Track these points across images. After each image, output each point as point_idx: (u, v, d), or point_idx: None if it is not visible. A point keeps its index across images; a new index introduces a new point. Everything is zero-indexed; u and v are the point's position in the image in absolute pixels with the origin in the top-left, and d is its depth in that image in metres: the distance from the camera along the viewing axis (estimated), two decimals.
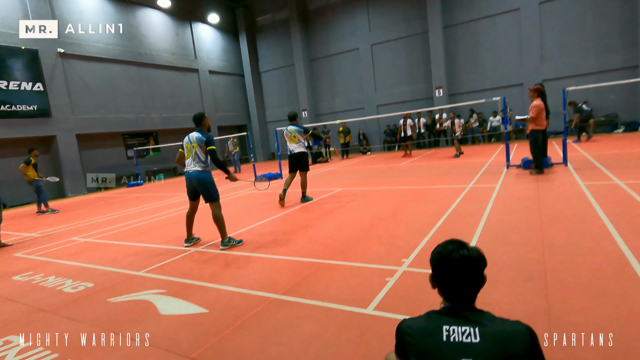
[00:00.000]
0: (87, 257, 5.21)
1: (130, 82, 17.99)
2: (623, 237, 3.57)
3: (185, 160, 4.86)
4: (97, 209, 10.49)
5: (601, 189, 5.59)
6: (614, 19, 14.72)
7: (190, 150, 4.77)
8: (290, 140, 7.30)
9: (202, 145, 4.72)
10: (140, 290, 3.65)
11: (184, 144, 4.88)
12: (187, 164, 4.82)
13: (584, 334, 2.13)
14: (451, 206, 5.60)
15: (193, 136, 4.78)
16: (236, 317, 2.85)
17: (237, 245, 4.81)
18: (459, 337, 1.21)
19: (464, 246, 1.32)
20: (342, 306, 2.83)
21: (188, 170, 4.80)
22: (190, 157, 4.77)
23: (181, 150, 4.96)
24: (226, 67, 23.49)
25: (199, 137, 4.72)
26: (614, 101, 15.09)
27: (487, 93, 16.68)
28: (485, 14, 17.04)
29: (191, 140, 4.77)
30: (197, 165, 4.74)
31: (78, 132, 15.77)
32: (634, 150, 9.37)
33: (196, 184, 4.77)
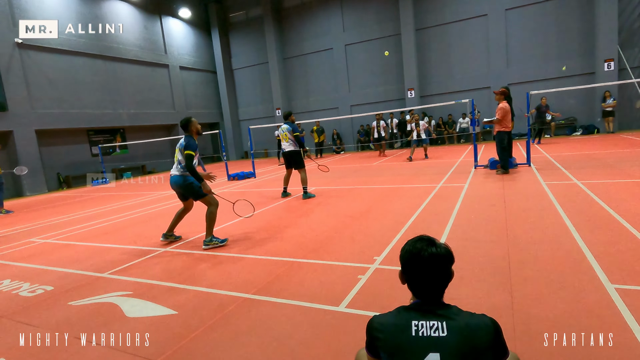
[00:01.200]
0: (46, 259, 4.94)
1: (95, 76, 17.21)
2: (580, 233, 3.77)
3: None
4: (58, 208, 9.97)
5: (561, 188, 5.89)
6: (574, 28, 15.56)
7: (176, 154, 4.73)
8: (283, 138, 7.47)
9: (182, 150, 4.59)
10: (105, 292, 3.50)
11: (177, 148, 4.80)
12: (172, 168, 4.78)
13: (545, 325, 2.24)
14: (422, 205, 5.73)
15: (180, 142, 4.69)
16: (206, 318, 2.79)
17: (221, 245, 4.64)
18: (427, 332, 1.23)
19: (433, 243, 1.34)
20: (314, 304, 2.83)
21: (170, 174, 4.76)
22: (175, 161, 4.73)
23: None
24: (198, 63, 22.94)
25: (181, 143, 4.62)
26: (573, 105, 15.95)
27: (456, 95, 17.18)
28: (455, 18, 17.54)
29: (178, 146, 4.69)
30: (176, 170, 4.67)
31: (37, 128, 14.92)
32: (590, 152, 9.94)
33: (175, 187, 4.75)
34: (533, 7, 16.04)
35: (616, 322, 2.21)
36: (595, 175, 6.63)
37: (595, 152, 9.66)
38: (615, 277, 2.76)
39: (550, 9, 15.77)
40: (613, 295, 2.50)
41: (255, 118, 23.43)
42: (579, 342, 2.05)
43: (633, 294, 2.50)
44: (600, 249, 3.33)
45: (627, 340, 2.04)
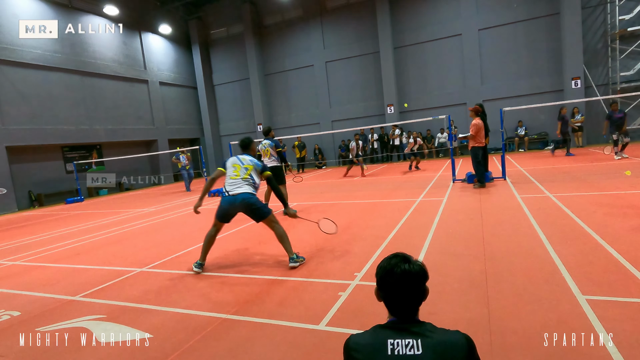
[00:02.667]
0: (13, 282, 4.71)
1: (71, 91, 16.82)
2: (553, 245, 3.89)
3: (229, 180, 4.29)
4: (28, 228, 9.56)
5: (535, 201, 6.08)
6: (543, 48, 16.37)
7: (237, 170, 4.31)
8: (265, 154, 7.43)
9: (257, 170, 4.38)
10: (76, 317, 3.36)
11: (232, 164, 4.40)
12: (232, 184, 4.24)
13: (521, 337, 2.28)
14: (402, 219, 5.79)
15: (245, 159, 4.43)
16: (183, 341, 2.71)
17: (302, 263, 4.20)
18: (403, 350, 1.24)
19: (407, 260, 1.36)
20: (294, 323, 2.79)
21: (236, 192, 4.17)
22: (239, 177, 4.25)
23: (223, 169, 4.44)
24: (178, 79, 22.81)
25: (253, 160, 4.43)
26: (544, 121, 16.62)
27: (433, 111, 17.63)
28: (431, 37, 18.17)
29: (250, 162, 4.40)
30: (250, 187, 4.23)
31: (8, 144, 14.39)
32: (562, 165, 10.34)
33: (244, 206, 4.17)
34: (504, 27, 16.82)
35: (587, 333, 2.27)
36: (567, 188, 6.88)
37: (566, 166, 10.06)
38: (585, 288, 2.85)
39: (521, 29, 16.57)
40: (584, 307, 2.58)
41: (236, 134, 23.33)
42: (554, 355, 2.10)
43: (603, 305, 2.59)
44: (571, 260, 3.44)
45: (596, 350, 2.10)
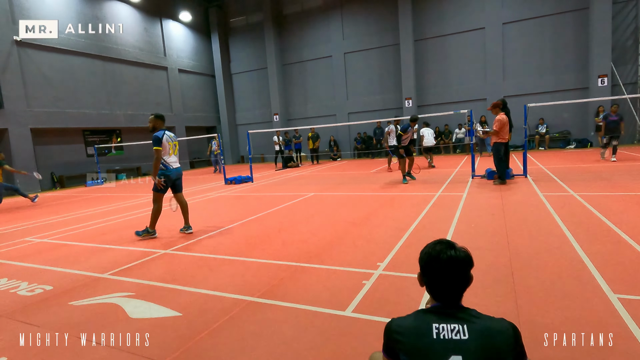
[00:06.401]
0: (43, 258, 4.87)
1: (93, 76, 17.12)
2: (580, 243, 3.82)
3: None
4: (53, 208, 9.84)
5: (558, 200, 5.96)
6: (569, 43, 15.89)
7: (173, 148, 5.54)
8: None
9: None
10: (106, 293, 3.47)
11: (172, 141, 5.54)
12: (174, 160, 5.55)
13: (551, 333, 2.26)
14: (422, 212, 5.77)
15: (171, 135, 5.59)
16: (211, 321, 2.77)
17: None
18: (449, 335, 1.25)
19: (452, 246, 1.36)
20: (320, 309, 2.83)
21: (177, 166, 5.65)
22: (175, 154, 5.58)
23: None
24: (197, 66, 22.95)
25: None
26: (567, 119, 16.21)
27: (453, 106, 17.36)
28: (453, 30, 17.81)
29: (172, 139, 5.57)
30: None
31: (33, 126, 14.77)
32: (584, 165, 10.10)
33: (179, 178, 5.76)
34: (530, 22, 16.36)
35: (621, 331, 2.24)
36: (591, 188, 6.73)
37: (589, 166, 9.82)
38: (617, 287, 2.81)
39: (547, 24, 16.10)
40: (616, 305, 2.54)
41: (252, 123, 23.45)
42: (584, 352, 2.08)
43: (636, 304, 2.54)
44: (600, 259, 3.38)
45: (635, 349, 2.08)
